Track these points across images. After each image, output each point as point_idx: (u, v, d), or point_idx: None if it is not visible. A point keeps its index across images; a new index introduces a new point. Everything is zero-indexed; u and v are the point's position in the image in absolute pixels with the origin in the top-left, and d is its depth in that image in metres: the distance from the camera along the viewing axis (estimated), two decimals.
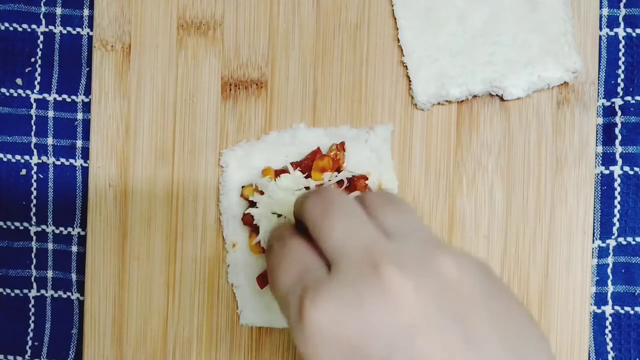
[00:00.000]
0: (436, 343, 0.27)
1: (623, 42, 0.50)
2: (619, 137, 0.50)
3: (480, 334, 0.28)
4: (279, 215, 0.46)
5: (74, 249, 0.52)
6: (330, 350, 0.28)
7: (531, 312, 0.48)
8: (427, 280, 0.28)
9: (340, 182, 0.46)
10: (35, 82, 0.52)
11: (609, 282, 0.50)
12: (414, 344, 0.27)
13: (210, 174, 0.50)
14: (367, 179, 0.47)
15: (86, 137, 0.51)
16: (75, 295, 0.52)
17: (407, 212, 0.33)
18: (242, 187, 0.48)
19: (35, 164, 0.52)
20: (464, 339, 0.28)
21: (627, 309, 0.50)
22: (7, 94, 0.52)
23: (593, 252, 0.50)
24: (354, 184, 0.46)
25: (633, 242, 0.50)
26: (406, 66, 0.49)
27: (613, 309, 0.50)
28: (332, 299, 0.28)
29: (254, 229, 0.47)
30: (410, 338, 0.27)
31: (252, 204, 0.47)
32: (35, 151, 0.52)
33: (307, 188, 0.46)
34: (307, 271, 0.31)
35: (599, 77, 0.50)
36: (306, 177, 0.47)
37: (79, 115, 0.52)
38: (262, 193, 0.47)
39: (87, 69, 0.52)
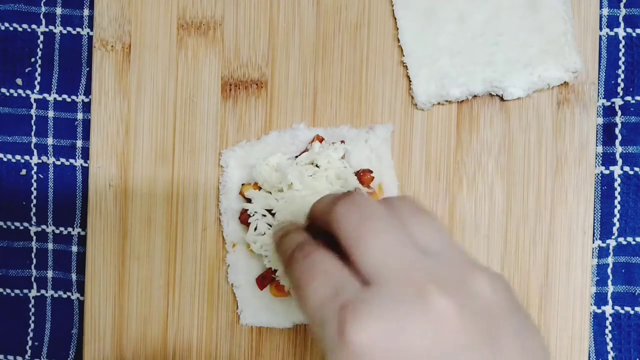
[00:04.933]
0: None
1: (623, 42, 0.50)
2: (619, 137, 0.50)
3: (507, 353, 0.28)
4: (271, 212, 0.46)
5: (74, 249, 0.52)
6: None
7: (534, 318, 0.48)
8: (468, 301, 0.29)
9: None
10: (35, 82, 0.52)
11: (609, 282, 0.50)
12: None
13: (210, 174, 0.50)
14: (371, 172, 0.47)
15: (86, 137, 0.51)
16: (75, 295, 0.52)
17: (437, 225, 0.32)
18: (242, 184, 0.48)
19: (35, 164, 0.52)
20: (494, 358, 0.28)
21: (627, 309, 0.50)
22: (7, 94, 0.52)
23: (593, 252, 0.50)
24: (361, 178, 0.47)
25: (633, 242, 0.50)
26: (406, 66, 0.49)
27: (613, 309, 0.50)
28: (375, 318, 0.28)
29: None
30: (454, 359, 0.27)
31: (250, 202, 0.47)
32: (35, 151, 0.52)
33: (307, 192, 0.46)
34: (342, 287, 0.30)
35: (599, 77, 0.50)
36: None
37: (79, 115, 0.52)
38: (259, 188, 0.47)
39: (87, 69, 0.52)
